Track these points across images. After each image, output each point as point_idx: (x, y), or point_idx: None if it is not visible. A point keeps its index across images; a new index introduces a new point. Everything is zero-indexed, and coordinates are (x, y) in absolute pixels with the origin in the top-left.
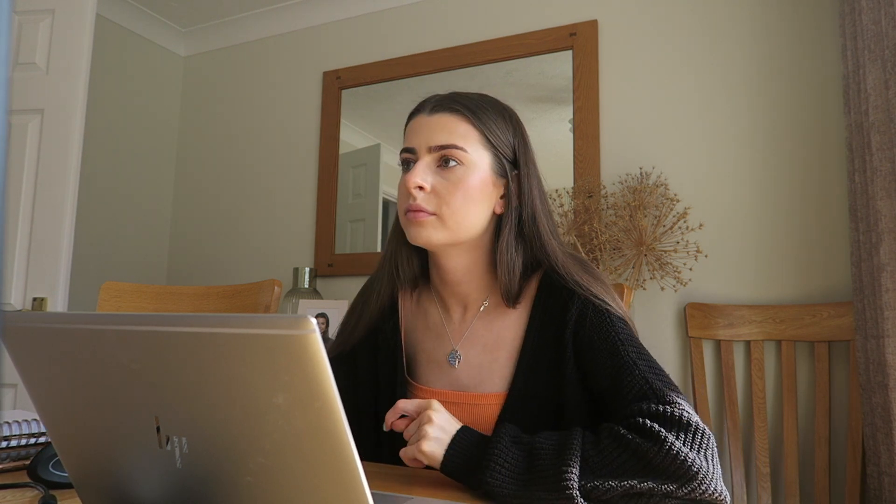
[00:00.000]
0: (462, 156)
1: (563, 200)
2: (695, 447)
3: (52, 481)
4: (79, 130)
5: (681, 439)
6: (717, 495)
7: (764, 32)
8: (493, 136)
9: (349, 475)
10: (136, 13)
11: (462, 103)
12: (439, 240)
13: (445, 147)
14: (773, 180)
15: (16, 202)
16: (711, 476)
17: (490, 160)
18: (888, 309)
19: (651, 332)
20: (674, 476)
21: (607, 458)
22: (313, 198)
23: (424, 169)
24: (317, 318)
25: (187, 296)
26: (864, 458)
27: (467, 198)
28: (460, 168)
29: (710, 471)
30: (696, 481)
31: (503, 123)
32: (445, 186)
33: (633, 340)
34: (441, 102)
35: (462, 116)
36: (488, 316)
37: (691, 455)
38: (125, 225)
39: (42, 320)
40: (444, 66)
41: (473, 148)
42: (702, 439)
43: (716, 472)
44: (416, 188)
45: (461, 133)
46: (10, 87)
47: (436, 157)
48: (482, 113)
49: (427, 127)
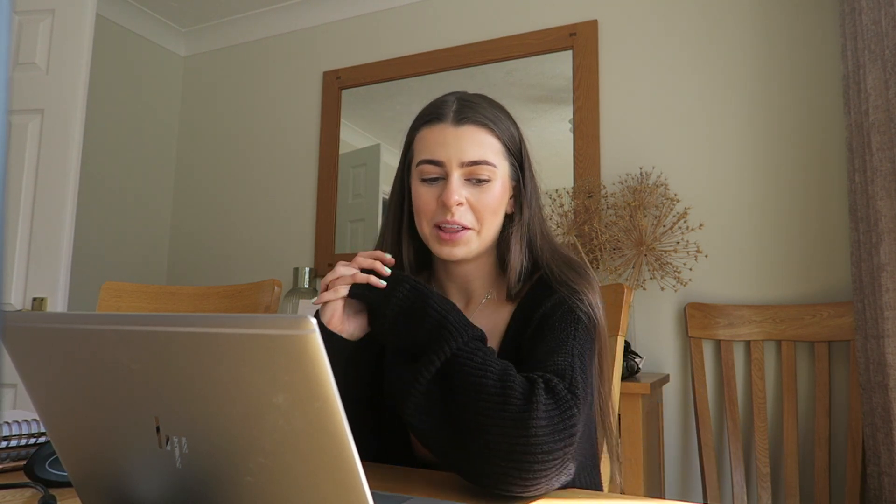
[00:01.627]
0: (492, 172)
1: (563, 200)
2: (556, 438)
3: (50, 480)
4: (79, 130)
5: (551, 418)
6: (521, 481)
7: (764, 32)
8: (509, 143)
9: (349, 475)
10: (136, 13)
11: (483, 114)
12: (473, 251)
13: (478, 163)
14: (774, 180)
15: (16, 202)
16: (540, 465)
17: (508, 168)
18: (888, 309)
19: (651, 332)
20: (510, 424)
21: (487, 360)
22: (313, 198)
23: (459, 184)
24: (317, 318)
25: (187, 296)
26: (864, 458)
27: (497, 210)
28: (491, 183)
29: (543, 459)
30: (524, 452)
31: (512, 127)
32: (480, 201)
33: (585, 341)
34: (465, 114)
35: (488, 129)
36: (487, 308)
37: (544, 435)
38: (125, 225)
39: (42, 320)
40: (444, 66)
41: (499, 160)
42: (567, 438)
43: (547, 471)
44: (457, 205)
45: (489, 146)
46: (10, 87)
47: (465, 172)
48: (500, 122)
49: (455, 139)
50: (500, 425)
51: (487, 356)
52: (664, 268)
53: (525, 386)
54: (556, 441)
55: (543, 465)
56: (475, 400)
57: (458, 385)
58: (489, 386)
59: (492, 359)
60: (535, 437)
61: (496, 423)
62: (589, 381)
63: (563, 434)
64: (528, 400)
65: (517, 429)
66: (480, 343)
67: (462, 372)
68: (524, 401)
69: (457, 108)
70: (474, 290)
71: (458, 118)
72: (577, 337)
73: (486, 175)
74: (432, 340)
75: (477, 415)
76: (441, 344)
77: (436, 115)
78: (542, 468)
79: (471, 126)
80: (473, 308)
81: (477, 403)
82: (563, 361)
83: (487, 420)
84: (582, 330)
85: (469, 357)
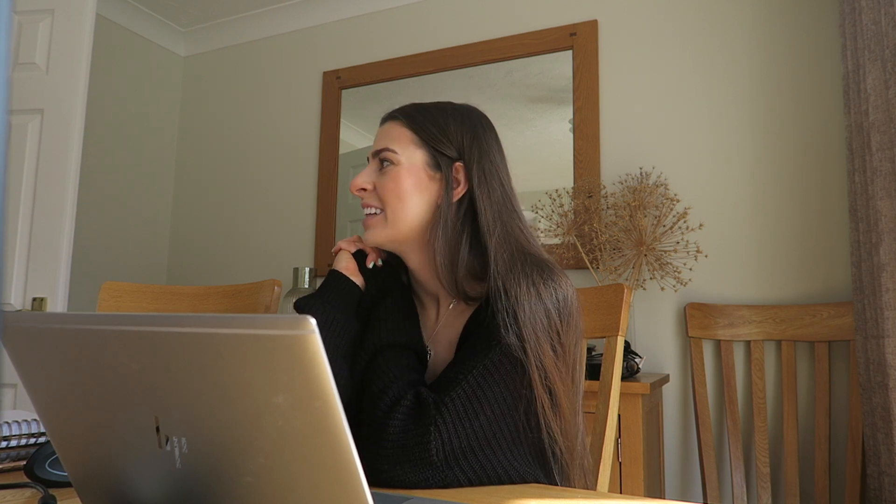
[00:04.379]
0: (392, 156)
1: (563, 200)
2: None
3: (50, 480)
4: (79, 130)
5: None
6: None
7: (764, 32)
8: (425, 133)
9: (349, 475)
10: (136, 13)
11: (404, 111)
12: (385, 237)
13: (380, 150)
14: (774, 180)
15: (16, 202)
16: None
17: (423, 156)
18: (888, 309)
19: (651, 332)
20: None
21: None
22: (313, 198)
23: (368, 172)
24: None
25: (187, 296)
26: (864, 458)
27: (400, 190)
28: (392, 167)
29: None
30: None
31: (446, 122)
32: (380, 183)
33: (494, 371)
34: (391, 113)
35: (398, 122)
36: (451, 316)
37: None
38: (125, 225)
39: (42, 320)
40: (444, 66)
41: (404, 147)
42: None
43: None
44: (358, 190)
45: (395, 136)
46: (10, 87)
47: (377, 161)
48: (421, 116)
49: (377, 136)
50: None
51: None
52: (664, 268)
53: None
54: (406, 450)
55: (385, 473)
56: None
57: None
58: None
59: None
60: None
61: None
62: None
63: (412, 448)
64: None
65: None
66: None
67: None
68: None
69: (389, 112)
70: (439, 293)
71: (384, 119)
72: (490, 359)
73: (387, 159)
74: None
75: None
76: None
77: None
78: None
79: (387, 122)
80: (442, 314)
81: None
82: (452, 378)
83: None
84: (497, 355)
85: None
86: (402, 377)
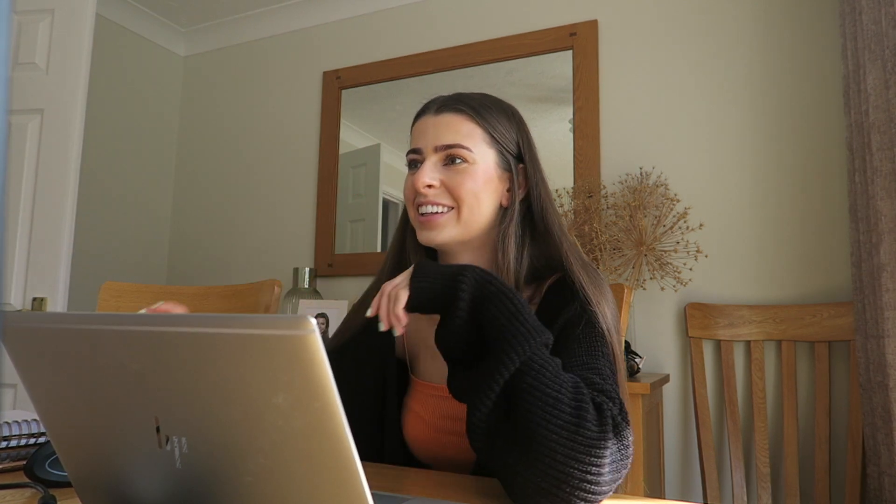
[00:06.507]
0: (467, 154)
1: (563, 200)
2: (619, 467)
3: (50, 480)
4: (79, 130)
5: (619, 449)
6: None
7: (764, 32)
8: (496, 133)
9: (349, 475)
10: (136, 13)
11: (466, 103)
12: (453, 237)
13: (451, 146)
14: (774, 180)
15: (16, 202)
16: (601, 495)
17: (494, 156)
18: (888, 309)
19: (651, 332)
20: (583, 451)
21: (559, 372)
22: (313, 198)
23: (432, 168)
24: (317, 318)
25: (187, 296)
26: (864, 458)
27: (479, 194)
28: (467, 165)
29: (606, 490)
30: (594, 483)
31: (506, 121)
32: (454, 179)
33: (609, 362)
34: (445, 103)
35: (466, 116)
36: None
37: (610, 463)
38: (125, 225)
39: (42, 320)
40: (444, 66)
41: (478, 146)
42: (624, 469)
43: (603, 496)
44: (425, 187)
45: (466, 132)
46: (10, 87)
47: (441, 157)
48: (485, 111)
49: (433, 127)
50: (573, 450)
51: (559, 367)
52: (664, 268)
53: (594, 410)
54: (619, 471)
55: (603, 495)
56: (546, 417)
57: (528, 397)
58: (563, 403)
59: (561, 371)
60: (605, 467)
61: (568, 447)
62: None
63: (623, 464)
64: (602, 427)
65: (590, 457)
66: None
67: (536, 381)
68: (598, 427)
69: (442, 101)
70: None
71: (439, 108)
72: (605, 355)
73: (460, 157)
74: (504, 341)
75: (547, 433)
76: (515, 347)
77: (423, 110)
78: (601, 497)
79: (448, 114)
80: None
81: (548, 422)
82: (605, 384)
83: (558, 442)
84: (607, 349)
85: (542, 366)
86: (579, 382)
